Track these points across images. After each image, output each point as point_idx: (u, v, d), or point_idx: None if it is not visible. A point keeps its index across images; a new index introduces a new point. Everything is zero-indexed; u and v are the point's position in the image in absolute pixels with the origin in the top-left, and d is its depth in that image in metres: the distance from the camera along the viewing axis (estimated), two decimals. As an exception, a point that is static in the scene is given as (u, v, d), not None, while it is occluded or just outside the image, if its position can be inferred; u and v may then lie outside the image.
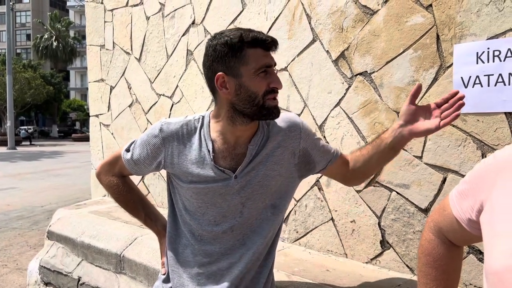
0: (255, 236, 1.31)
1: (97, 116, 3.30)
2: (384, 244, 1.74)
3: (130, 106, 3.01)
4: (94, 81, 3.27)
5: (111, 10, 3.09)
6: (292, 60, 2.01)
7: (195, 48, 2.52)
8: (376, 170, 1.46)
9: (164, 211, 1.50)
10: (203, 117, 1.32)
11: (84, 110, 47.53)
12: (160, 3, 2.73)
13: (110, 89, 3.15)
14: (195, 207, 1.32)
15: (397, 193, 1.69)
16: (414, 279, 1.63)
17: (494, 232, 0.80)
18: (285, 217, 1.45)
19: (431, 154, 1.59)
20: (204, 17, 2.46)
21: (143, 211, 1.55)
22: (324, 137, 1.91)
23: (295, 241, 2.05)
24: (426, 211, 1.61)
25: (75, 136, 34.81)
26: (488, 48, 1.43)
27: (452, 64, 1.51)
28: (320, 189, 1.93)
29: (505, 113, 1.41)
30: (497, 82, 1.42)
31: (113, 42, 3.09)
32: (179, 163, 1.30)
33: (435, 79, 1.56)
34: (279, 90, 1.21)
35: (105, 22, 3.15)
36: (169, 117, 2.72)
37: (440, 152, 1.56)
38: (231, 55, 1.17)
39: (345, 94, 1.84)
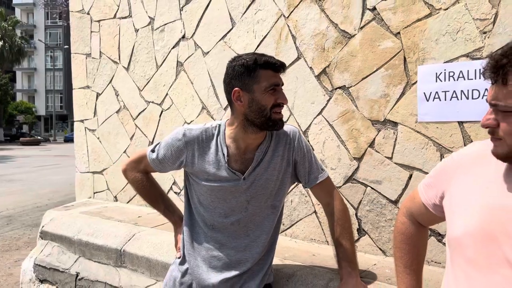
0: (257, 230, 1.58)
1: (82, 121, 3.44)
2: (361, 231, 2.07)
3: (117, 112, 3.19)
4: (79, 88, 3.41)
5: (98, 21, 3.25)
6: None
7: (185, 60, 2.76)
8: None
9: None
10: (219, 125, 1.58)
11: (32, 113, 45.60)
12: (149, 17, 2.94)
13: (97, 95, 3.30)
14: (208, 202, 1.57)
15: (371, 188, 2.02)
16: (386, 259, 1.96)
17: (453, 212, 1.13)
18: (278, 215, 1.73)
19: (399, 155, 1.93)
20: (194, 32, 2.70)
21: (163, 203, 1.80)
22: (308, 141, 2.21)
23: (281, 232, 2.34)
24: (395, 202, 1.95)
25: (23, 140, 33.38)
26: (445, 70, 1.79)
27: (416, 81, 1.86)
28: (304, 186, 2.23)
29: (458, 122, 1.77)
30: (452, 97, 1.78)
31: (100, 51, 3.25)
32: (198, 163, 1.55)
33: (402, 94, 1.90)
34: (287, 102, 1.50)
35: (91, 32, 3.31)
36: (158, 122, 2.93)
37: (407, 154, 1.91)
38: (247, 74, 1.44)
39: (326, 104, 2.15)
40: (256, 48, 2.39)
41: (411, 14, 1.86)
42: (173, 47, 2.82)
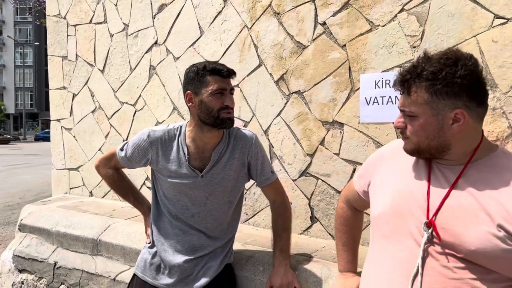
0: (215, 222, 1.82)
1: (58, 120, 3.60)
2: (313, 219, 2.35)
3: (93, 112, 3.37)
4: (56, 89, 3.58)
5: (74, 26, 3.43)
6: (243, 79, 2.56)
7: (158, 64, 2.97)
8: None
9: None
10: (181, 126, 1.80)
11: (1, 111, 44.35)
12: (124, 23, 3.14)
13: (73, 96, 3.48)
14: (171, 195, 1.80)
15: (322, 180, 2.30)
16: (333, 242, 2.23)
17: (374, 196, 1.41)
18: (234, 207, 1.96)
19: (345, 152, 2.21)
20: (166, 39, 2.92)
21: (133, 196, 2.03)
22: (268, 139, 2.47)
23: (245, 221, 2.59)
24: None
25: (-9, 138, 32.53)
26: (382, 78, 2.08)
27: (359, 88, 2.15)
28: (265, 179, 2.49)
29: (393, 123, 2.07)
30: (388, 101, 2.07)
31: (76, 54, 3.43)
32: (162, 161, 1.77)
33: (347, 98, 2.19)
34: (234, 105, 1.69)
35: (68, 35, 3.48)
36: (132, 122, 3.14)
37: (351, 150, 2.19)
38: (197, 79, 1.64)
39: (284, 107, 2.42)
40: (223, 55, 2.63)
41: (355, 29, 2.15)
42: (146, 52, 3.03)
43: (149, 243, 1.90)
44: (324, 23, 2.25)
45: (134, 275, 1.91)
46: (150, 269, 1.84)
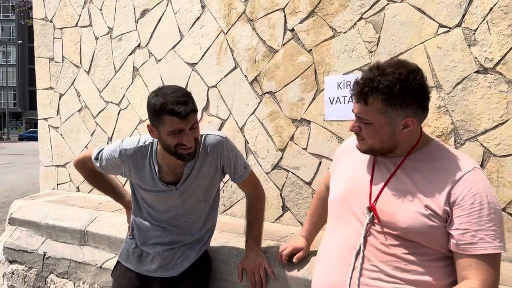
0: (193, 217, 1.95)
1: (45, 119, 3.75)
2: (284, 208, 2.56)
3: (79, 111, 3.54)
4: (43, 89, 3.73)
5: (61, 29, 3.59)
6: (220, 80, 2.76)
7: (141, 66, 3.16)
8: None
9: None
10: (152, 143, 1.82)
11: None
12: (108, 27, 3.31)
13: (59, 96, 3.64)
14: (149, 201, 1.92)
15: (292, 173, 2.51)
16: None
17: (332, 184, 1.63)
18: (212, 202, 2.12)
19: (312, 146, 2.43)
20: (148, 42, 3.11)
21: (113, 192, 2.16)
22: (244, 136, 2.68)
23: (223, 212, 2.80)
24: (309, 184, 2.45)
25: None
26: (344, 80, 2.30)
27: (323, 89, 2.36)
28: (240, 173, 2.70)
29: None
30: (349, 101, 2.29)
31: (63, 56, 3.59)
32: (136, 177, 1.87)
33: (313, 98, 2.41)
34: (198, 136, 1.70)
35: (54, 38, 3.63)
36: (116, 120, 3.32)
37: (317, 145, 2.41)
38: (155, 116, 1.63)
39: (258, 106, 2.63)
40: (201, 58, 2.83)
41: (319, 36, 2.37)
42: (130, 54, 3.21)
43: (130, 235, 2.06)
44: (293, 30, 2.46)
45: (118, 262, 2.08)
46: (132, 257, 2.00)
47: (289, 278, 1.93)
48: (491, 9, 1.90)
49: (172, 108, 1.57)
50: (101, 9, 3.35)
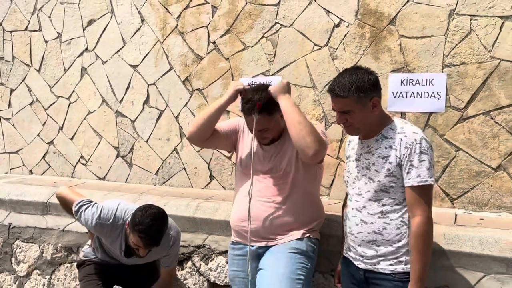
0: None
1: (-4, 111, 4.22)
2: (211, 177, 3.39)
3: (30, 104, 4.07)
4: (-7, 84, 4.19)
5: (10, 32, 4.07)
6: (158, 79, 3.50)
7: (88, 66, 3.78)
8: None
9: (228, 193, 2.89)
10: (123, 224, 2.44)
11: None
12: (57, 32, 3.88)
13: (11, 91, 4.13)
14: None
15: (217, 150, 3.34)
16: (224, 192, 3.30)
17: None
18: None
19: (231, 130, 3.28)
20: (95, 46, 3.75)
21: None
22: (178, 123, 3.45)
23: (162, 184, 3.56)
24: (230, 158, 3.30)
25: None
26: (252, 81, 3.16)
27: (238, 87, 3.21)
28: (177, 152, 3.48)
29: (260, 110, 3.17)
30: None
31: (13, 56, 4.08)
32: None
33: (231, 94, 3.25)
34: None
35: (4, 39, 4.10)
36: (67, 112, 3.91)
37: (235, 129, 3.27)
38: (131, 225, 2.31)
39: (189, 99, 3.42)
40: (142, 61, 3.55)
41: (234, 48, 3.21)
42: (78, 56, 3.82)
43: (90, 245, 2.74)
44: (214, 42, 3.28)
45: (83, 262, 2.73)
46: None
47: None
48: (345, 35, 2.87)
49: (140, 236, 2.26)
50: (50, 17, 3.90)
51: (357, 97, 1.85)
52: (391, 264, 1.89)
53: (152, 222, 2.26)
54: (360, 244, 1.94)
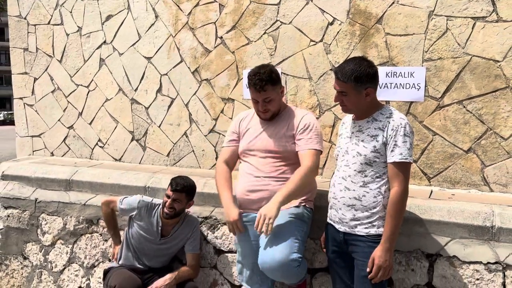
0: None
1: (21, 98, 4.60)
2: (217, 158, 3.77)
3: (52, 92, 4.45)
4: (18, 74, 4.57)
5: (34, 25, 4.45)
6: (170, 70, 3.87)
7: (106, 57, 4.16)
8: None
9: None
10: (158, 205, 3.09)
11: None
12: (78, 26, 4.25)
13: (34, 79, 4.51)
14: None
15: (222, 135, 3.70)
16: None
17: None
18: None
19: (236, 116, 3.66)
20: (113, 40, 4.12)
21: (113, 230, 3.34)
22: (188, 110, 3.83)
23: (173, 164, 3.94)
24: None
25: None
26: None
27: (242, 78, 3.58)
28: (186, 136, 3.86)
29: (261, 98, 3.55)
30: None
31: (37, 47, 4.46)
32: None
33: (236, 84, 3.62)
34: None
35: (28, 32, 4.48)
36: (86, 99, 4.29)
37: (239, 115, 3.65)
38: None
39: (198, 89, 3.79)
40: (155, 53, 3.92)
41: (239, 42, 3.58)
42: (97, 48, 4.19)
43: (114, 259, 3.26)
44: (221, 37, 3.65)
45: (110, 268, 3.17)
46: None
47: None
48: (338, 32, 3.23)
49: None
50: (71, 12, 4.27)
51: (354, 85, 2.20)
52: (366, 228, 2.27)
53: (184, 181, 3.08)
54: (341, 207, 2.32)
